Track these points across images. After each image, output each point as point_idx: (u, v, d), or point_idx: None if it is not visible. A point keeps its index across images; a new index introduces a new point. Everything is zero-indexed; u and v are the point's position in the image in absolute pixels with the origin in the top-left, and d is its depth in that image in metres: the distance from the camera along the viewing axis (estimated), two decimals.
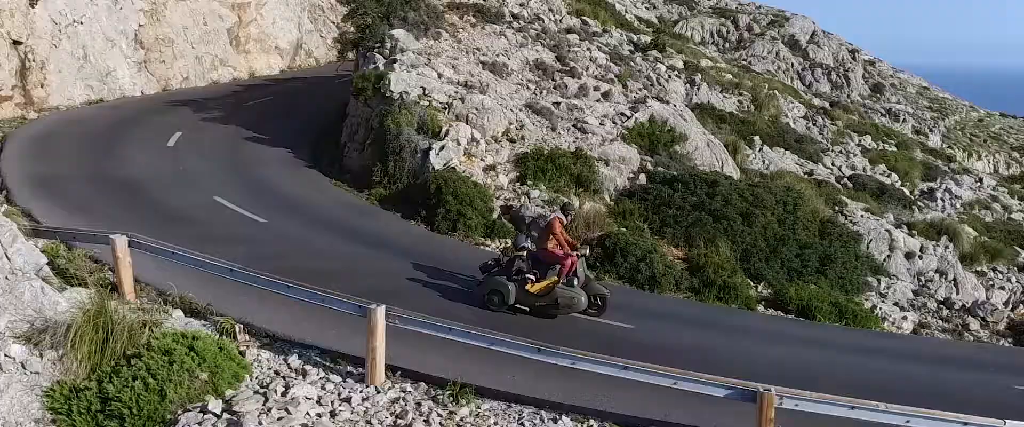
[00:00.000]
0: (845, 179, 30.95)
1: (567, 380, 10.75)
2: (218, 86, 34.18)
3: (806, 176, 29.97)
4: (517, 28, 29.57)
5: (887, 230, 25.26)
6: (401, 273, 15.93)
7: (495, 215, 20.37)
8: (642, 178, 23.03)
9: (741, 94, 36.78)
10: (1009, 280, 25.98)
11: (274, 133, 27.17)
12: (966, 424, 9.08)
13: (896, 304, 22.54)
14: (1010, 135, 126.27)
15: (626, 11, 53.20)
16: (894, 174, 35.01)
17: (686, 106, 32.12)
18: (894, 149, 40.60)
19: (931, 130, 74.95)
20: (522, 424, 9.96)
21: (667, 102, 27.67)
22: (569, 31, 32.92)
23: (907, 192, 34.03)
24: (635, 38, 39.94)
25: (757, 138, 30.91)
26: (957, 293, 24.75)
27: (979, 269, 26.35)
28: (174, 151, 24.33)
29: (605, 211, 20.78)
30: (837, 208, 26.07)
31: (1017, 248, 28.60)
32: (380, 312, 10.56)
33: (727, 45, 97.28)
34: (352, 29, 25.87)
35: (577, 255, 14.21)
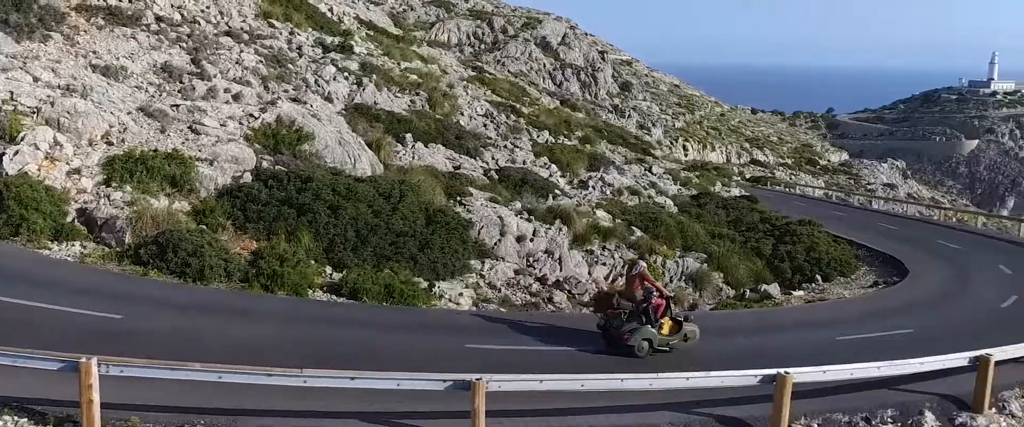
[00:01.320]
0: (493, 171, 33.25)
1: None
2: None
3: (453, 170, 31.94)
4: (156, 31, 29.54)
5: (500, 217, 27.49)
6: None
7: (69, 218, 20.43)
8: (247, 177, 23.77)
9: (417, 94, 38.56)
10: (612, 257, 29.01)
11: None
12: (269, 374, 10.44)
13: (491, 285, 24.70)
14: (747, 128, 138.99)
15: (346, 13, 53.86)
16: (554, 166, 37.90)
17: (346, 106, 33.31)
18: (573, 143, 43.88)
19: (654, 125, 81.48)
20: None
21: (303, 103, 28.64)
22: (227, 33, 33.23)
23: (563, 181, 37.04)
24: (327, 40, 40.81)
25: (410, 135, 32.57)
26: (560, 270, 27.43)
27: (589, 248, 29.24)
28: None
29: (186, 209, 21.37)
30: (458, 198, 28.05)
31: (634, 227, 31.95)
32: None
33: (482, 46, 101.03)
34: None
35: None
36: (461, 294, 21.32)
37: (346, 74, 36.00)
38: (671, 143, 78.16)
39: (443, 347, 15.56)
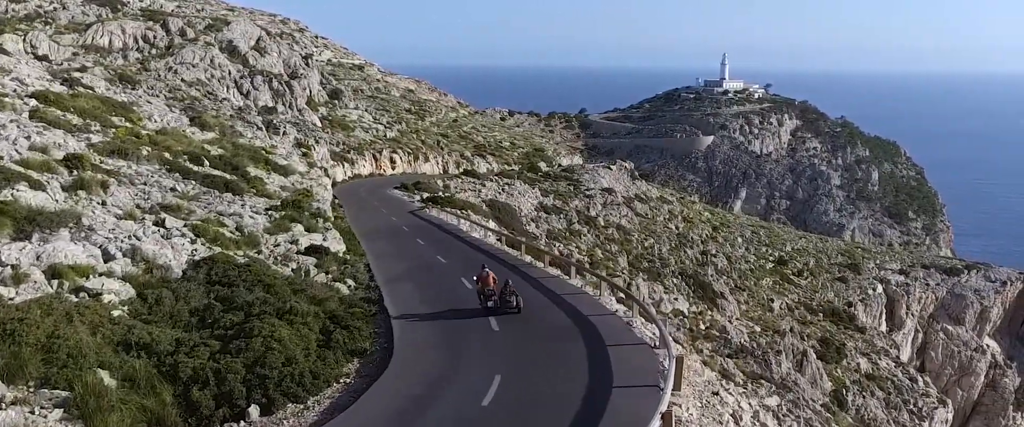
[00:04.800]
0: None
1: None
2: None
3: None
4: None
5: None
6: None
7: None
8: None
9: None
10: None
11: None
12: None
13: None
14: (481, 133, 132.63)
15: None
16: None
17: None
18: (32, 195, 31.73)
19: (317, 141, 71.46)
20: None
21: None
22: None
23: None
24: None
25: None
26: None
27: None
28: None
29: None
30: None
31: None
32: None
33: (153, 52, 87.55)
34: None
35: None
36: None
37: None
38: (329, 166, 68.17)
39: None
